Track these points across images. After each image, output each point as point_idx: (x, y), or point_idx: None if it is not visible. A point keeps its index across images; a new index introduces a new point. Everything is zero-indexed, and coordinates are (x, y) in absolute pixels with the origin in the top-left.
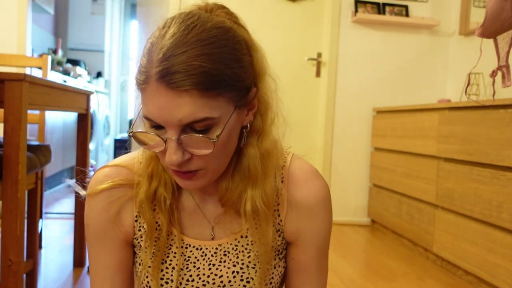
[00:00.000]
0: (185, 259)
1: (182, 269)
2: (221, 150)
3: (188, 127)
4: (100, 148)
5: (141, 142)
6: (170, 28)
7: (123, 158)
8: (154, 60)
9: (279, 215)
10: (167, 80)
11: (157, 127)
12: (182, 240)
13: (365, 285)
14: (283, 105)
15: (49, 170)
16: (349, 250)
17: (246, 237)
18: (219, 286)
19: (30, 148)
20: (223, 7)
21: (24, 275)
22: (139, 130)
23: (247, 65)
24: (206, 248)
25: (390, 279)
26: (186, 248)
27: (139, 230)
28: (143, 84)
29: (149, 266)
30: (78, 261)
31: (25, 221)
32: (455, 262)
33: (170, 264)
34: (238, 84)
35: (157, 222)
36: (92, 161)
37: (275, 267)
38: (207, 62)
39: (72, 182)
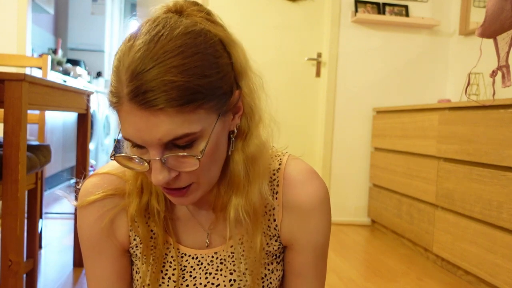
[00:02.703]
0: (181, 269)
1: (179, 279)
2: (209, 162)
3: (171, 144)
4: (100, 148)
5: (125, 165)
6: (136, 40)
7: (113, 165)
8: (123, 79)
9: (274, 220)
10: (139, 100)
11: (139, 146)
12: (178, 249)
13: (365, 285)
14: (271, 102)
15: (49, 170)
16: (349, 250)
17: (242, 243)
18: None
19: (30, 148)
20: (194, 3)
21: (24, 275)
22: (121, 154)
23: (224, 68)
24: (202, 257)
25: (390, 279)
26: (182, 257)
27: (134, 240)
28: (116, 105)
29: (147, 276)
30: (78, 261)
31: (25, 221)
32: (455, 262)
33: (166, 274)
34: (216, 92)
35: (152, 231)
36: (92, 161)
37: (272, 272)
38: (179, 75)
39: (61, 191)
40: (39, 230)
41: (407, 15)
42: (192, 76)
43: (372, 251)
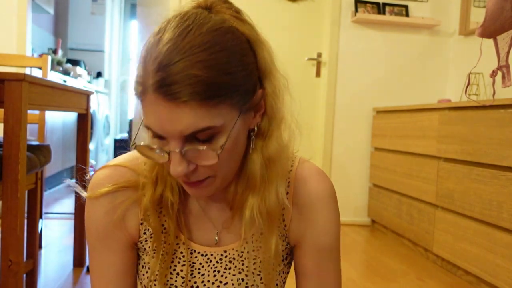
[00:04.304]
0: (189, 265)
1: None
2: (228, 157)
3: (191, 137)
4: (100, 148)
5: (144, 155)
6: (165, 33)
7: (125, 158)
8: (150, 70)
9: (283, 220)
10: (164, 91)
11: (160, 137)
12: (188, 246)
13: (365, 285)
14: (295, 104)
15: (49, 170)
16: (349, 250)
17: (252, 242)
18: None
19: (30, 148)
20: (224, 0)
21: (24, 275)
22: (141, 144)
23: (249, 66)
24: (211, 255)
25: (390, 279)
26: (191, 254)
27: (144, 233)
28: (141, 94)
29: (156, 271)
30: (78, 261)
31: (25, 221)
32: (455, 262)
33: (174, 270)
34: (240, 89)
35: (163, 225)
36: (92, 161)
37: (279, 273)
38: (204, 70)
39: (72, 182)
40: (39, 230)
41: (407, 15)
42: (217, 71)
43: (372, 251)
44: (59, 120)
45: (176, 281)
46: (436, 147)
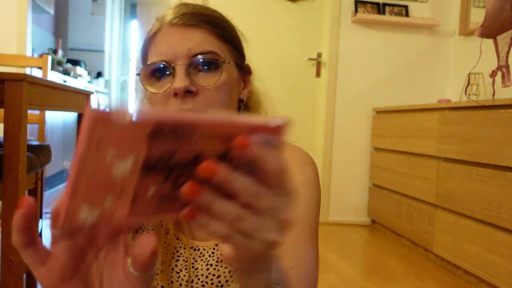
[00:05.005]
0: (184, 260)
1: (181, 270)
2: (224, 93)
3: (196, 60)
4: None
5: (147, 83)
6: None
7: None
8: (168, 13)
9: None
10: (178, 20)
11: (162, 77)
12: (181, 240)
13: (365, 285)
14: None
15: (49, 170)
16: (349, 250)
17: None
18: (217, 286)
19: (30, 148)
20: None
21: (24, 275)
22: (148, 63)
23: (242, 45)
24: (204, 249)
25: (390, 279)
26: (184, 249)
27: (146, 228)
28: (154, 32)
29: (159, 264)
30: None
31: None
32: (455, 262)
33: (169, 265)
34: (238, 46)
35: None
36: None
37: None
38: (216, 14)
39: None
40: (39, 230)
41: (407, 15)
42: (225, 22)
43: (372, 251)
44: (59, 120)
45: (171, 276)
46: (436, 147)
